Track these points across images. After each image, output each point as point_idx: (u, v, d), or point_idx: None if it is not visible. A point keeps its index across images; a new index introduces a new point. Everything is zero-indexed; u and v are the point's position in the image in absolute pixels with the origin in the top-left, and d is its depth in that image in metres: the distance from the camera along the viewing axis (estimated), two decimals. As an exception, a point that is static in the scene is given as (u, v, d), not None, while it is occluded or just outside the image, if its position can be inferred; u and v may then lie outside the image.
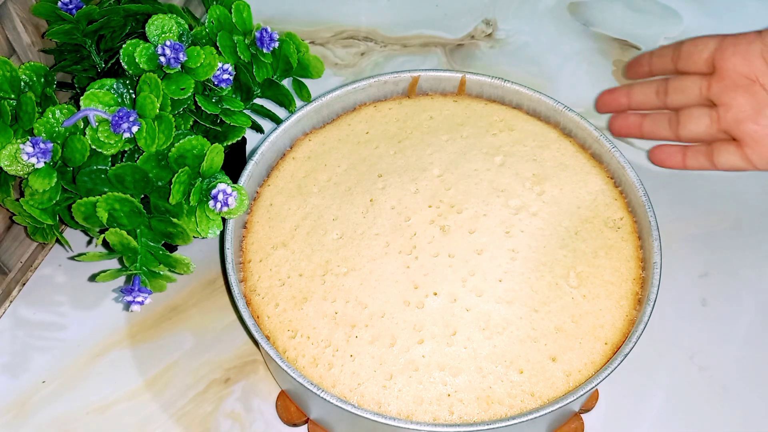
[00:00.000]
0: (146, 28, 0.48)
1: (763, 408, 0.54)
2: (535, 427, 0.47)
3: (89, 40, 0.54)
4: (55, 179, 0.46)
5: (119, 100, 0.47)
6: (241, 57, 0.52)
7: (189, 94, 0.48)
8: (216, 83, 0.50)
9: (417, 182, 0.53)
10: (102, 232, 0.46)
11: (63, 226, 0.62)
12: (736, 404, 0.55)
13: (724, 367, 0.56)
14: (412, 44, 0.78)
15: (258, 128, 0.57)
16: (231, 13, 0.52)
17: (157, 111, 0.46)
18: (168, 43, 0.47)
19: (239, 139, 0.53)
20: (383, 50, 0.77)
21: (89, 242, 0.62)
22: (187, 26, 0.50)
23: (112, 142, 0.45)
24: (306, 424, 0.53)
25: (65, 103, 0.48)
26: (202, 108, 0.50)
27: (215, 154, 0.46)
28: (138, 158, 0.47)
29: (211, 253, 0.62)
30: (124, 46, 0.48)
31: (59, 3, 0.53)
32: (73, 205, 0.46)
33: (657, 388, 0.55)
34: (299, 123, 0.56)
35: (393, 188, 0.52)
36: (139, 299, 0.46)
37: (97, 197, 0.45)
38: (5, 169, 0.46)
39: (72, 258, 0.61)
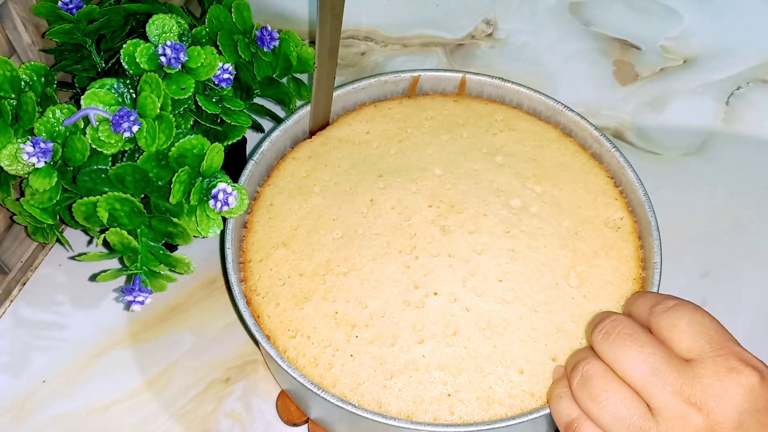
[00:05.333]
0: (147, 28, 0.48)
1: (763, 408, 0.54)
2: (535, 427, 0.46)
3: (89, 39, 0.54)
4: (56, 179, 0.46)
5: (120, 100, 0.47)
6: (242, 56, 0.52)
7: (189, 93, 0.48)
8: (216, 83, 0.50)
9: (417, 182, 0.53)
10: (102, 231, 0.46)
11: (63, 226, 0.62)
12: (736, 404, 0.54)
13: (724, 367, 0.56)
14: (412, 44, 0.78)
15: (258, 127, 0.57)
16: (231, 12, 0.52)
17: (158, 111, 0.46)
18: (168, 42, 0.47)
19: (239, 138, 0.53)
20: (383, 50, 0.77)
21: (90, 242, 0.62)
22: (187, 26, 0.50)
23: (112, 141, 0.45)
24: (306, 424, 0.53)
25: (65, 102, 0.48)
26: (203, 107, 0.50)
27: (215, 154, 0.46)
28: (138, 158, 0.47)
29: (212, 253, 0.62)
30: (124, 45, 0.48)
31: (59, 3, 0.53)
32: (74, 205, 0.46)
33: (657, 388, 0.55)
34: (300, 122, 0.56)
35: (393, 188, 0.52)
36: (140, 299, 0.46)
37: (98, 197, 0.45)
38: (6, 168, 0.46)
39: (72, 258, 0.61)
